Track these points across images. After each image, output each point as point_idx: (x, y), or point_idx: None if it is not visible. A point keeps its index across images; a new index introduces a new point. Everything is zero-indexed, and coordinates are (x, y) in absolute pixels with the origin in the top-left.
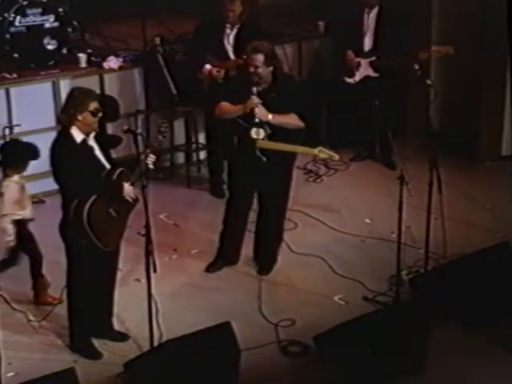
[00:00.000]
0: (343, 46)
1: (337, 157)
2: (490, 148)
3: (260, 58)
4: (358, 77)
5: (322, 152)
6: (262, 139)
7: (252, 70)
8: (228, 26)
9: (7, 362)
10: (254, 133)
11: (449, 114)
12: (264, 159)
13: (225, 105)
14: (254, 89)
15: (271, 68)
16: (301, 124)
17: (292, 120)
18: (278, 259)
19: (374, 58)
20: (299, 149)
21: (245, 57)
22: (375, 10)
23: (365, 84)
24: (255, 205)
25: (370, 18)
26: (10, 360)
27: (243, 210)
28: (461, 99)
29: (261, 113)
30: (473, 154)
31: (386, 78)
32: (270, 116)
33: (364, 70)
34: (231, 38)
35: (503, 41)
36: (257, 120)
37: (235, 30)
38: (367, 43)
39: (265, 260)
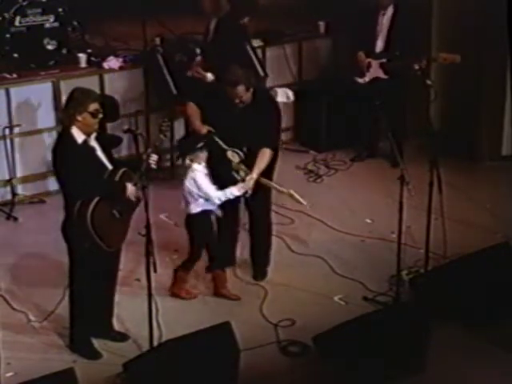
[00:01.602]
0: (345, 46)
1: (304, 203)
2: (490, 148)
3: (241, 88)
4: (368, 77)
5: (291, 195)
6: (238, 163)
7: (237, 101)
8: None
9: (6, 362)
10: (230, 155)
11: (449, 114)
12: (239, 178)
13: (193, 108)
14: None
15: (251, 89)
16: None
17: (266, 159)
18: (270, 262)
19: (384, 60)
20: (272, 184)
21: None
22: (390, 12)
23: (373, 85)
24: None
25: (385, 20)
26: (9, 360)
27: (230, 217)
28: (461, 99)
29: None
30: (473, 153)
31: (395, 80)
32: (254, 178)
33: (374, 71)
34: (211, 32)
35: (503, 41)
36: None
37: (214, 24)
38: (379, 45)
39: (258, 264)
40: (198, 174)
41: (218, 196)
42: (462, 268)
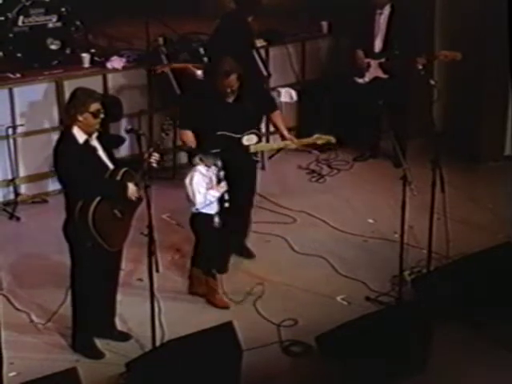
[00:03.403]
0: (347, 46)
1: (333, 140)
2: (493, 148)
3: (234, 78)
4: (367, 77)
5: (318, 138)
6: (257, 143)
7: (229, 90)
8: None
9: (9, 362)
10: (246, 140)
11: (451, 114)
12: (259, 159)
13: (188, 136)
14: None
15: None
16: None
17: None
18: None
19: (383, 60)
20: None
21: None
22: (387, 11)
23: (374, 85)
24: None
25: (382, 19)
26: (12, 360)
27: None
28: (463, 99)
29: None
30: (475, 154)
31: (394, 80)
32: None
33: (374, 71)
34: (216, 30)
35: (505, 41)
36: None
37: (218, 22)
38: (377, 44)
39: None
40: (197, 175)
41: (201, 202)
42: (464, 268)
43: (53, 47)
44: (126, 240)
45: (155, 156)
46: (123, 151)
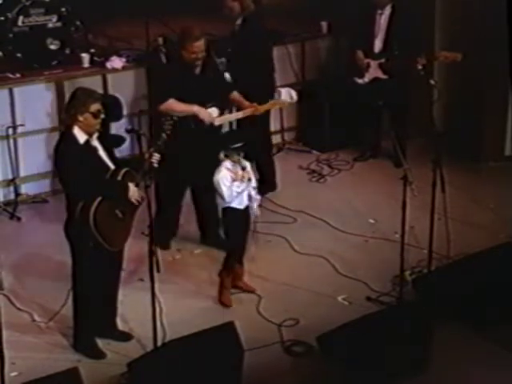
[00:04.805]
0: (347, 46)
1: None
2: (493, 148)
3: (202, 43)
4: (367, 78)
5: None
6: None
7: (199, 56)
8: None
9: (11, 362)
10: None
11: (452, 114)
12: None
13: (174, 103)
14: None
15: None
16: None
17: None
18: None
19: (383, 60)
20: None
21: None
22: (387, 12)
23: (373, 85)
24: None
25: (382, 19)
26: (13, 360)
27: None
28: (464, 99)
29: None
30: (476, 154)
31: (394, 80)
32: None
33: (374, 71)
34: (236, 31)
35: (506, 41)
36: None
37: (237, 27)
38: (377, 45)
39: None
40: (223, 170)
41: (228, 195)
42: (465, 268)
43: (53, 47)
44: (127, 240)
45: (156, 156)
46: (124, 151)
